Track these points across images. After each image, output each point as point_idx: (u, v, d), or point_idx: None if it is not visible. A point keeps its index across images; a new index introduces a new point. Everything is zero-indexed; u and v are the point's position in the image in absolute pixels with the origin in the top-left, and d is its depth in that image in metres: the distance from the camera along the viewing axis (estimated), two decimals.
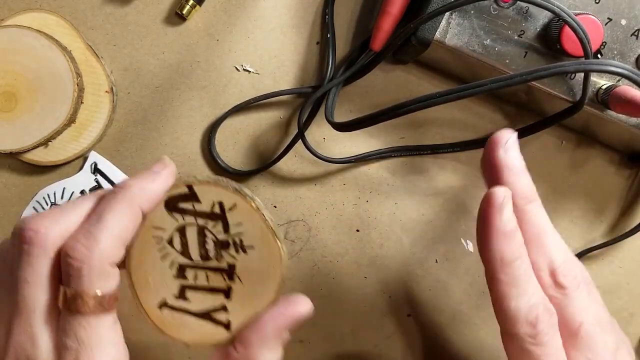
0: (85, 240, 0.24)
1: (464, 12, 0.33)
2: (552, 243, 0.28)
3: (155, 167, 0.27)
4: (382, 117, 0.31)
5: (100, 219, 0.25)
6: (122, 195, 0.26)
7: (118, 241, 0.25)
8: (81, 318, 0.24)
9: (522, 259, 0.26)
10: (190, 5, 0.37)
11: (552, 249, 0.27)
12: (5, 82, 0.36)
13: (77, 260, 0.24)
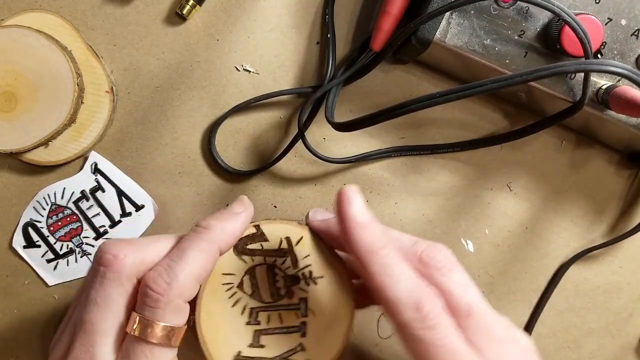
0: (166, 275, 0.25)
1: (464, 12, 0.33)
2: (407, 239, 0.28)
3: (235, 207, 0.29)
4: (382, 117, 0.31)
5: (182, 256, 0.26)
6: (204, 235, 0.27)
7: (196, 279, 0.26)
8: (146, 346, 0.25)
9: (388, 247, 0.26)
10: (190, 5, 0.37)
11: (410, 243, 0.28)
12: (5, 82, 0.36)
13: (157, 293, 0.25)
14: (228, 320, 0.29)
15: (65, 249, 0.38)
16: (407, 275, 0.26)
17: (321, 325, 0.29)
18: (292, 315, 0.29)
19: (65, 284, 0.39)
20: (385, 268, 0.25)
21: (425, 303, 0.25)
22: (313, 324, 0.29)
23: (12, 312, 0.39)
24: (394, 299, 0.25)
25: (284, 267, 0.29)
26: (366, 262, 0.26)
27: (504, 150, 0.40)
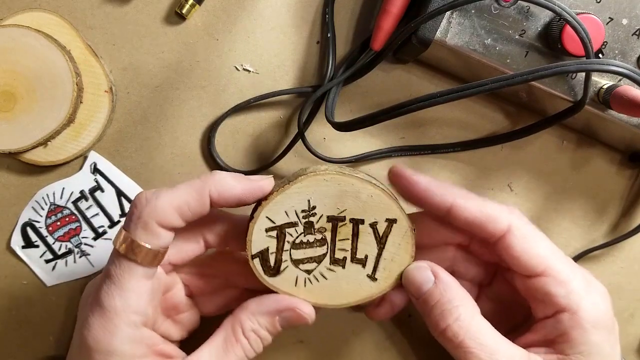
0: (150, 195, 0.27)
1: (464, 12, 0.33)
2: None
3: (254, 176, 0.30)
4: (382, 117, 0.31)
5: (173, 187, 0.28)
6: (203, 176, 0.28)
7: (174, 208, 0.27)
8: (117, 258, 0.27)
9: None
10: (189, 5, 0.36)
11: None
12: (5, 82, 0.36)
13: (134, 207, 0.27)
14: (332, 284, 0.31)
15: (64, 249, 0.38)
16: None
17: (355, 204, 0.29)
18: (343, 228, 0.30)
19: (64, 285, 0.39)
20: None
21: None
22: (351, 210, 0.30)
23: (11, 312, 0.39)
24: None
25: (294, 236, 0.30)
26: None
27: (505, 150, 0.40)
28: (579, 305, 0.28)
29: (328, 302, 0.31)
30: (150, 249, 0.27)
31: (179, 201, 0.27)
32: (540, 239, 0.30)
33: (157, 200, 0.27)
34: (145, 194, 0.27)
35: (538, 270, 0.29)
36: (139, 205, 0.27)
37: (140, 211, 0.27)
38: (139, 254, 0.27)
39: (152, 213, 0.27)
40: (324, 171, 0.29)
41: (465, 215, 0.30)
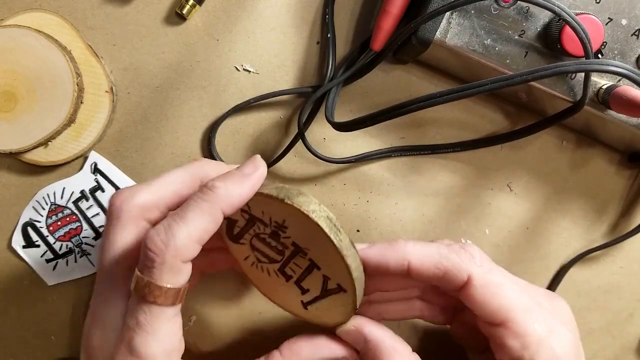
0: (164, 235, 0.25)
1: (464, 12, 0.33)
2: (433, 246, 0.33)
3: (247, 168, 0.28)
4: (382, 117, 0.31)
5: (183, 217, 0.26)
6: (207, 197, 0.27)
7: (195, 240, 0.26)
8: (144, 304, 0.26)
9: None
10: (190, 5, 0.37)
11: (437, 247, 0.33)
12: (5, 82, 0.36)
13: (153, 252, 0.25)
14: (273, 281, 0.31)
15: (65, 249, 0.38)
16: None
17: (320, 254, 0.29)
18: (300, 260, 0.30)
19: (65, 284, 0.39)
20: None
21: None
22: (314, 255, 0.30)
23: (12, 312, 0.39)
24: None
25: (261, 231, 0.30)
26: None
27: (505, 150, 0.40)
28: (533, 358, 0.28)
29: (266, 293, 0.33)
30: (179, 288, 0.26)
31: (197, 233, 0.26)
32: (501, 288, 0.29)
33: (175, 239, 0.25)
34: (160, 237, 0.25)
35: (497, 321, 0.29)
36: (159, 252, 0.25)
37: (163, 257, 0.25)
38: (169, 297, 0.26)
39: (176, 255, 0.25)
40: (312, 212, 0.27)
41: (423, 274, 0.30)
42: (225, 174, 0.28)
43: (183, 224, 0.26)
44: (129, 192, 0.28)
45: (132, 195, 0.28)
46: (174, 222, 0.26)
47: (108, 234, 0.27)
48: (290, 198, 0.27)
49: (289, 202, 0.27)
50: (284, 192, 0.28)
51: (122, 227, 0.27)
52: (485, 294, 0.29)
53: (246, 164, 0.29)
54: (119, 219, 0.27)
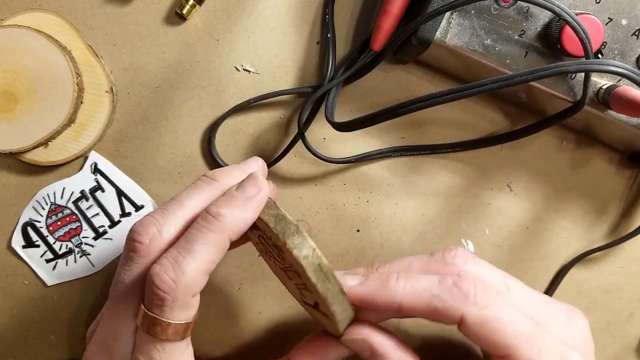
0: (172, 271, 0.24)
1: (464, 12, 0.33)
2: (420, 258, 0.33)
3: (248, 189, 0.27)
4: (382, 117, 0.31)
5: (190, 250, 0.25)
6: (213, 226, 0.26)
7: (204, 272, 0.25)
8: (157, 342, 0.25)
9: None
10: (190, 5, 0.37)
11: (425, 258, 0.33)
12: (5, 82, 0.36)
13: (162, 291, 0.24)
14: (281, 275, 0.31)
15: (65, 249, 0.38)
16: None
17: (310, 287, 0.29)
18: (295, 275, 0.29)
19: (64, 284, 0.39)
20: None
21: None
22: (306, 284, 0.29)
23: (12, 312, 0.39)
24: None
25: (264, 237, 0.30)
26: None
27: (505, 150, 0.40)
28: None
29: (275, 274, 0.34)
30: (190, 322, 0.26)
31: (205, 265, 0.25)
32: (500, 322, 0.27)
33: (185, 276, 0.24)
34: (168, 274, 0.25)
35: (500, 353, 0.27)
36: (169, 290, 0.24)
37: (174, 295, 0.24)
38: (181, 332, 0.25)
39: (186, 292, 0.25)
40: (304, 258, 0.27)
41: (416, 312, 0.28)
42: (227, 198, 0.27)
43: (191, 258, 0.25)
44: (156, 227, 0.26)
45: (160, 232, 0.26)
46: (181, 256, 0.25)
47: (129, 269, 0.26)
48: (285, 236, 0.26)
49: (282, 240, 0.26)
50: (281, 225, 0.27)
51: (144, 265, 0.26)
52: (481, 332, 0.27)
53: (248, 183, 0.28)
54: (144, 257, 0.26)
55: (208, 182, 0.28)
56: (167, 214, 0.27)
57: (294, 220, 0.27)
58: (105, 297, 0.39)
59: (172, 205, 0.27)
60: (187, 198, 0.28)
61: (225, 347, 0.40)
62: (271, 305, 0.33)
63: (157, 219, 0.27)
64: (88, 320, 0.39)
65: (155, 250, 0.26)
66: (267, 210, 0.28)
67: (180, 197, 0.28)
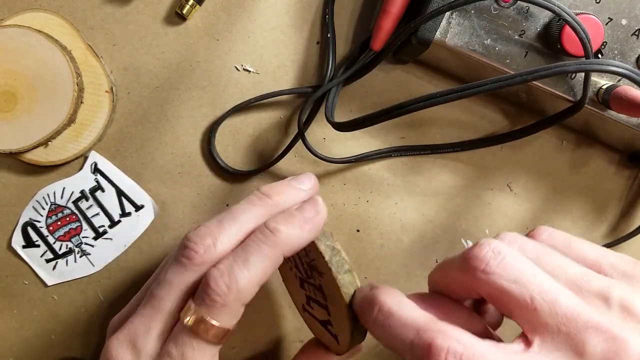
0: (227, 278, 0.26)
1: (464, 12, 0.33)
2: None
3: (308, 210, 0.28)
4: (382, 117, 0.31)
5: (245, 260, 0.26)
6: (270, 241, 0.27)
7: (256, 284, 0.27)
8: (194, 340, 0.26)
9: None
10: (190, 5, 0.37)
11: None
12: (5, 82, 0.36)
13: (216, 294, 0.26)
14: (291, 280, 0.32)
15: (65, 249, 0.38)
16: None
17: (334, 312, 0.30)
18: (320, 294, 0.30)
19: (65, 284, 0.39)
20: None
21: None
22: (331, 308, 0.30)
23: (12, 312, 0.39)
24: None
25: (301, 254, 0.31)
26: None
27: (504, 150, 0.40)
28: None
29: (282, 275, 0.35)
30: (229, 329, 0.27)
31: (258, 277, 0.26)
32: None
33: (238, 284, 0.26)
34: (223, 279, 0.26)
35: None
36: (222, 294, 0.26)
37: (225, 300, 0.26)
38: (219, 337, 0.26)
39: (237, 299, 0.26)
40: (347, 295, 0.28)
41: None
42: (287, 216, 0.28)
43: (245, 269, 0.26)
44: (211, 239, 0.27)
45: (214, 244, 0.27)
46: (237, 265, 0.26)
47: (178, 273, 0.27)
48: (339, 272, 0.28)
49: (335, 274, 0.28)
50: (337, 260, 0.28)
51: (195, 273, 0.27)
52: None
53: (308, 204, 0.29)
54: (196, 266, 0.27)
55: (261, 199, 0.29)
56: (222, 227, 0.28)
57: (346, 256, 0.29)
58: (105, 297, 0.39)
59: (226, 219, 0.28)
60: (241, 213, 0.28)
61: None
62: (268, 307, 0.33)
63: (212, 231, 0.28)
64: (88, 320, 0.39)
65: (208, 261, 0.27)
66: (324, 240, 0.29)
67: (234, 212, 0.29)
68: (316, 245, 0.28)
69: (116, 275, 0.39)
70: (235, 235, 0.28)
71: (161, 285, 0.27)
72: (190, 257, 0.27)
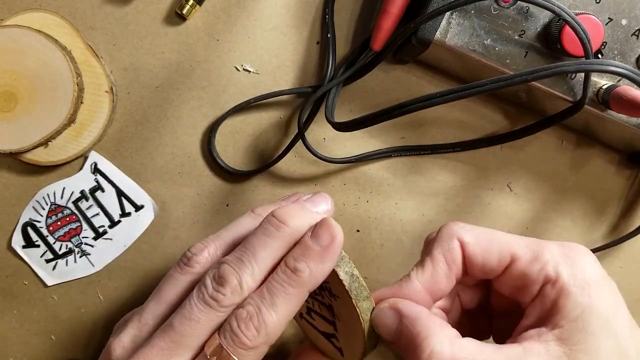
0: (256, 321, 0.26)
1: (464, 12, 0.33)
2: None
3: (323, 237, 0.27)
4: (382, 117, 0.31)
5: (273, 305, 0.26)
6: (294, 282, 0.27)
7: (283, 325, 0.26)
8: None
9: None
10: (190, 5, 0.37)
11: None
12: (5, 82, 0.36)
13: (246, 338, 0.26)
14: None
15: (65, 249, 0.38)
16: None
17: (343, 332, 0.30)
18: (326, 311, 0.30)
19: (65, 284, 0.39)
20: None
21: None
22: (339, 326, 0.30)
23: (12, 312, 0.39)
24: None
25: None
26: None
27: (504, 150, 0.40)
28: (558, 271, 0.27)
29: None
30: None
31: (287, 319, 0.27)
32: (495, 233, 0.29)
33: (267, 327, 0.26)
34: (252, 322, 0.26)
35: (507, 261, 0.28)
36: (252, 337, 0.26)
37: (254, 343, 0.26)
38: None
39: (266, 342, 0.26)
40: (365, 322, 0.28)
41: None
42: (304, 251, 0.27)
43: (273, 311, 0.26)
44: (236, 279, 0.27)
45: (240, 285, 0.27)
46: (265, 308, 0.26)
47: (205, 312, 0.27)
48: (358, 299, 0.28)
49: (355, 301, 0.28)
50: (355, 287, 0.28)
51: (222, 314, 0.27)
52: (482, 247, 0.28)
53: (321, 230, 0.28)
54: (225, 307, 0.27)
55: (278, 228, 0.28)
56: (244, 266, 0.27)
57: (364, 281, 0.29)
58: (105, 297, 0.39)
59: (246, 256, 0.27)
60: (260, 248, 0.27)
61: None
62: None
63: (235, 271, 0.27)
64: (88, 321, 0.39)
65: (235, 303, 0.27)
66: (342, 266, 0.28)
67: (252, 246, 0.28)
68: (335, 271, 0.28)
69: (116, 275, 0.39)
70: (259, 274, 0.27)
71: (185, 320, 0.27)
72: (218, 299, 0.26)
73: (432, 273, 0.29)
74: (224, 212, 0.39)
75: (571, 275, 0.26)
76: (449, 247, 0.29)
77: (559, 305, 0.26)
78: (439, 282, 0.29)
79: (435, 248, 0.29)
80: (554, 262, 0.27)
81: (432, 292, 0.29)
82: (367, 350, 0.29)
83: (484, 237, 0.29)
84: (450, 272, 0.29)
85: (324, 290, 0.30)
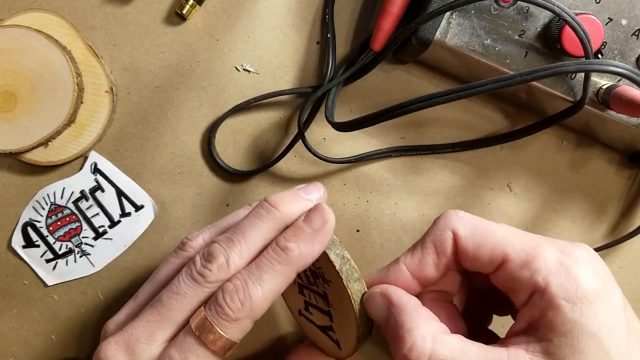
0: (242, 294, 0.26)
1: (464, 12, 0.33)
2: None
3: (315, 221, 0.28)
4: (382, 117, 0.31)
5: (259, 279, 0.27)
6: (283, 259, 0.27)
7: (268, 301, 0.27)
8: (200, 348, 0.26)
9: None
10: (190, 5, 0.37)
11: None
12: (5, 82, 0.36)
13: (230, 309, 0.26)
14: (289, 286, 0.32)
15: (65, 249, 0.38)
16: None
17: (339, 319, 0.30)
18: (322, 301, 0.31)
19: (65, 284, 0.39)
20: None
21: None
22: (335, 315, 0.30)
23: (12, 312, 0.39)
24: None
25: None
26: None
27: (504, 150, 0.40)
28: (548, 281, 0.25)
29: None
30: (236, 343, 0.27)
31: (271, 295, 0.27)
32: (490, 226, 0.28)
33: (252, 302, 0.26)
34: (237, 295, 0.26)
35: (498, 261, 0.27)
36: (236, 310, 0.26)
37: (238, 315, 0.26)
38: (225, 349, 0.27)
39: (249, 316, 0.27)
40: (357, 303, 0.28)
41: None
42: (296, 231, 0.28)
43: (259, 286, 0.27)
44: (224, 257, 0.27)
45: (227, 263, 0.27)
46: (251, 282, 0.27)
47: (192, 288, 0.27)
48: (349, 281, 0.28)
49: (345, 283, 0.28)
50: (347, 268, 0.28)
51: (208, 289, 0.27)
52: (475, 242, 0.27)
53: (314, 214, 0.28)
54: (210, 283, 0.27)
55: (269, 211, 0.29)
56: (233, 244, 0.28)
57: (355, 263, 0.29)
58: (105, 297, 0.39)
59: (236, 236, 0.28)
60: (251, 229, 0.28)
61: None
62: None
63: (224, 249, 0.28)
64: (88, 321, 0.39)
65: (222, 279, 0.27)
66: (333, 249, 0.29)
67: (243, 227, 0.29)
68: (326, 254, 0.28)
69: (116, 275, 0.39)
70: (247, 253, 0.28)
71: (172, 295, 0.27)
72: (205, 274, 0.27)
73: (420, 260, 0.28)
74: (224, 212, 0.39)
75: (561, 287, 0.25)
76: (441, 238, 0.28)
77: (547, 317, 0.25)
78: (425, 270, 0.28)
79: (428, 235, 0.29)
80: (546, 270, 0.25)
81: (419, 278, 0.29)
82: (362, 337, 0.29)
83: (480, 231, 0.27)
84: (440, 262, 0.28)
85: (317, 277, 0.30)
